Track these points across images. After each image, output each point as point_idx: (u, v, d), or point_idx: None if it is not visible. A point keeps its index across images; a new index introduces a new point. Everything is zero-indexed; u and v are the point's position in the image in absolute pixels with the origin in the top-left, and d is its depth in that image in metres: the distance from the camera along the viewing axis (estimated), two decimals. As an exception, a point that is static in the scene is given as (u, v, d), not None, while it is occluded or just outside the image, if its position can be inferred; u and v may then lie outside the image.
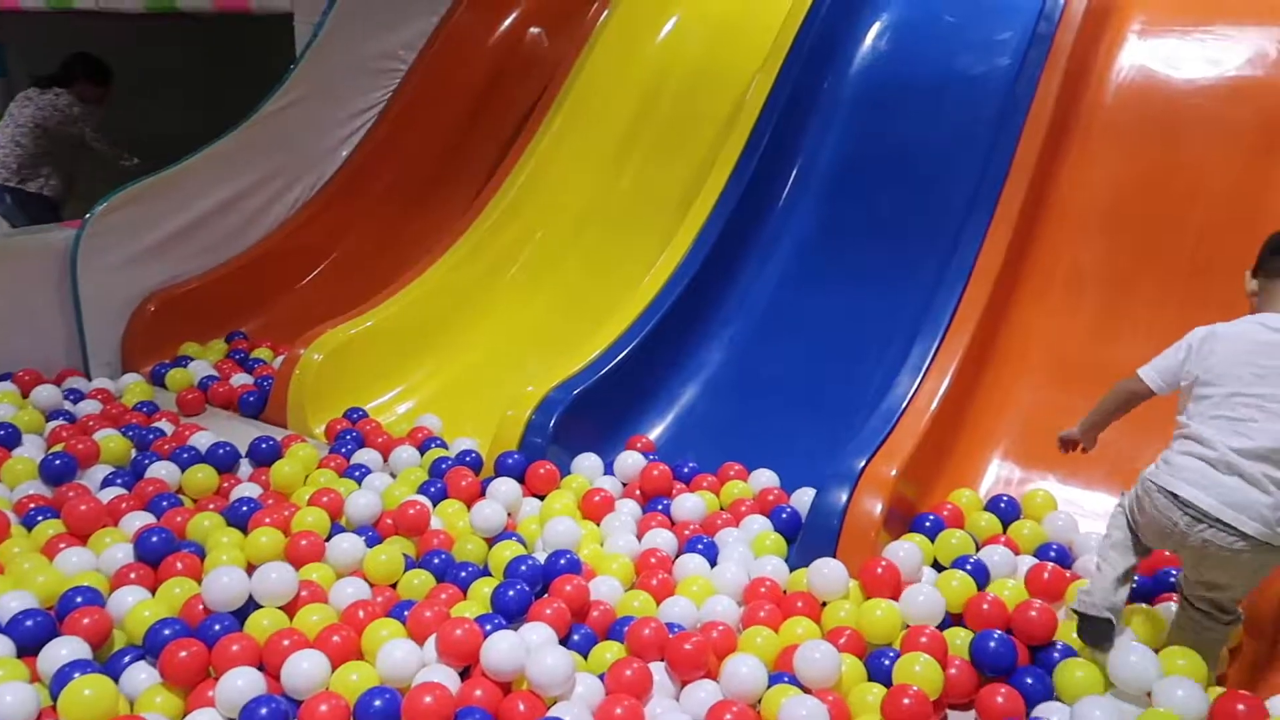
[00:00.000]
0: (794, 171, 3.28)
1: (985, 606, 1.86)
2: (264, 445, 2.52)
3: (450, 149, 4.00)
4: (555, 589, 1.91)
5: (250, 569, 1.93)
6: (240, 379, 3.06)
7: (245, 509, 2.17)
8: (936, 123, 3.17)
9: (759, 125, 3.22)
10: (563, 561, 2.01)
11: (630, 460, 2.49)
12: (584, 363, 2.68)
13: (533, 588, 1.94)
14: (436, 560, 2.06)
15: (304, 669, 1.64)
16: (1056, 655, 1.80)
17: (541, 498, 2.35)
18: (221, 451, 2.45)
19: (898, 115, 3.27)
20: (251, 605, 1.85)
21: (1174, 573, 1.91)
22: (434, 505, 2.28)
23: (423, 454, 2.56)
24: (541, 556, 2.06)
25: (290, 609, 1.86)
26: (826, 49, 3.37)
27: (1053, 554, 2.10)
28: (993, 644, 1.75)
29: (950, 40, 3.39)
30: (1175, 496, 1.61)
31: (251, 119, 3.51)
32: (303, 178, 3.72)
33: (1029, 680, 1.71)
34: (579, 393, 2.56)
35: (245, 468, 2.50)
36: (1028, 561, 2.06)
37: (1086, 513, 2.27)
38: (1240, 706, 1.57)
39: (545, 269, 3.42)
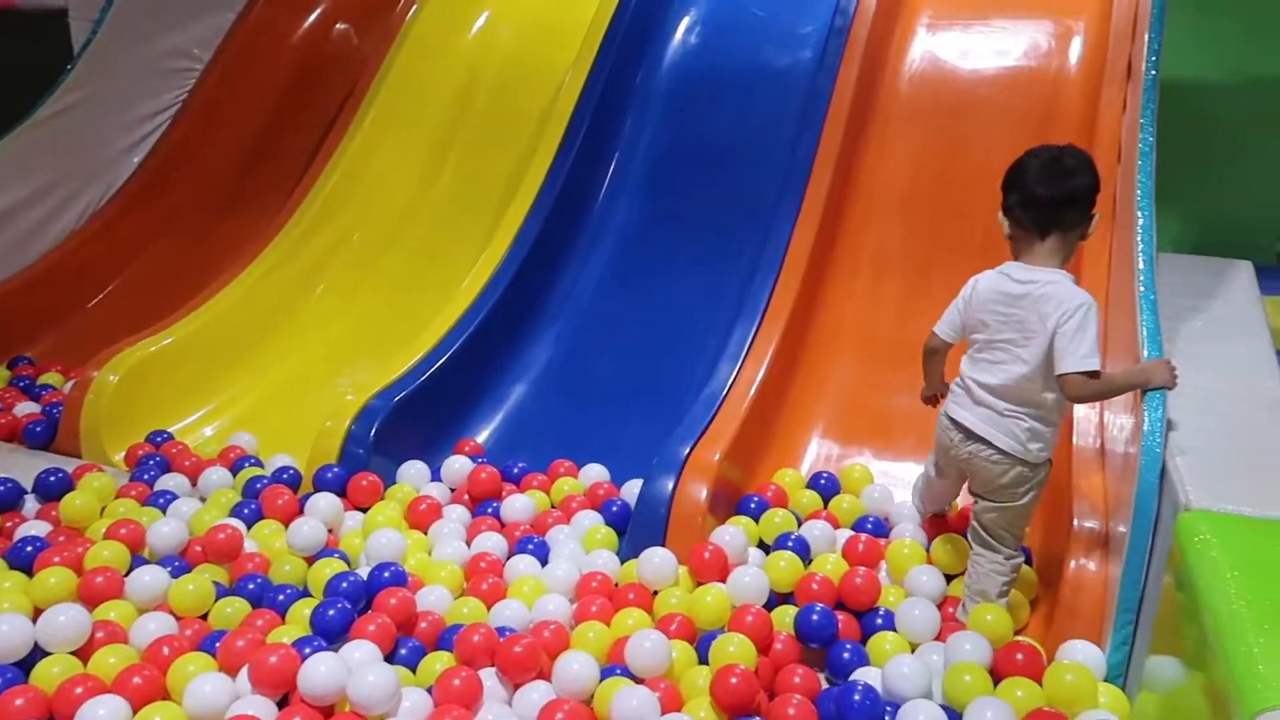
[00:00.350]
0: (612, 166, 3.30)
1: (815, 586, 1.92)
2: (52, 478, 2.31)
3: (256, 151, 3.80)
4: (379, 603, 1.85)
5: (38, 614, 1.77)
6: (25, 408, 2.81)
7: (30, 549, 1.99)
8: (747, 115, 3.26)
9: (574, 121, 3.21)
10: (387, 574, 1.94)
11: (457, 465, 2.43)
12: (405, 368, 2.61)
13: (355, 604, 1.86)
14: (252, 585, 1.96)
15: (100, 716, 1.52)
16: (879, 623, 1.89)
17: (365, 510, 2.26)
18: (1, 489, 2.24)
19: (710, 108, 3.34)
20: (39, 654, 1.69)
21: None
22: (248, 528, 2.16)
23: (235, 475, 2.42)
24: (364, 571, 1.98)
25: (84, 653, 1.71)
26: (637, 44, 3.40)
27: (869, 526, 2.19)
28: (815, 617, 1.81)
29: (756, 34, 3.49)
30: (950, 418, 1.86)
31: (24, 124, 3.23)
32: (90, 186, 3.46)
33: (846, 651, 1.77)
34: (401, 399, 2.49)
35: (31, 504, 2.29)
36: (846, 535, 2.14)
37: (901, 483, 2.39)
38: (1019, 655, 1.70)
39: (364, 272, 3.30)
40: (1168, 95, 5.06)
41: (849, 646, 1.78)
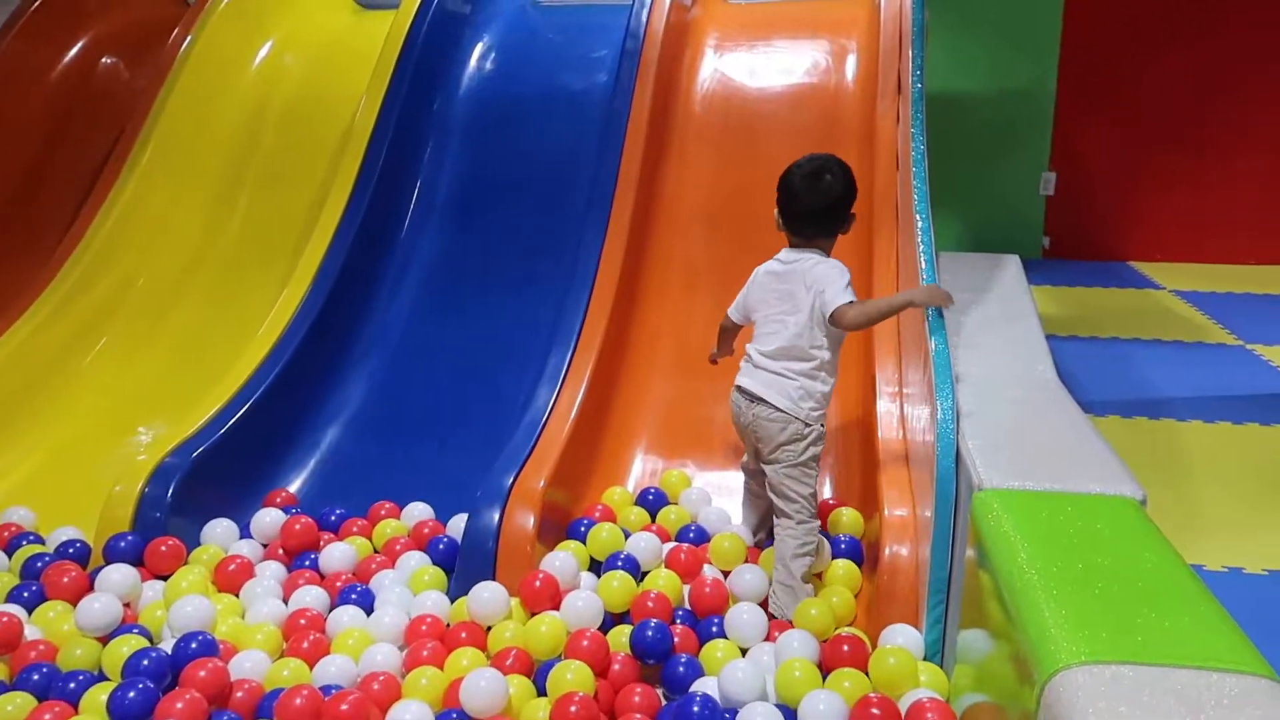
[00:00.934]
0: (414, 196, 3.22)
1: (650, 603, 1.92)
2: None
3: (16, 200, 3.47)
4: (187, 678, 1.71)
5: None
6: None
7: None
8: (548, 139, 3.27)
9: (371, 152, 3.12)
10: (194, 645, 1.80)
11: (268, 519, 2.30)
12: (203, 421, 2.44)
13: (159, 683, 1.72)
14: (36, 676, 1.76)
15: None
16: (714, 630, 1.91)
17: (166, 578, 2.09)
18: None
19: (511, 134, 3.32)
20: None
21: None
22: (29, 612, 1.96)
23: (11, 555, 2.18)
24: (168, 645, 1.83)
25: None
26: (431, 71, 3.35)
27: (691, 534, 2.22)
28: (649, 634, 1.81)
29: (552, 59, 3.52)
30: (737, 387, 2.08)
31: None
32: None
33: (681, 665, 1.78)
34: (199, 455, 2.32)
35: None
36: (671, 546, 2.16)
37: (723, 490, 2.44)
38: (845, 647, 1.77)
39: (151, 322, 3.07)
40: (937, 107, 5.47)
41: (683, 660, 1.79)
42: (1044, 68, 5.29)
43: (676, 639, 1.85)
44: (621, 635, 1.88)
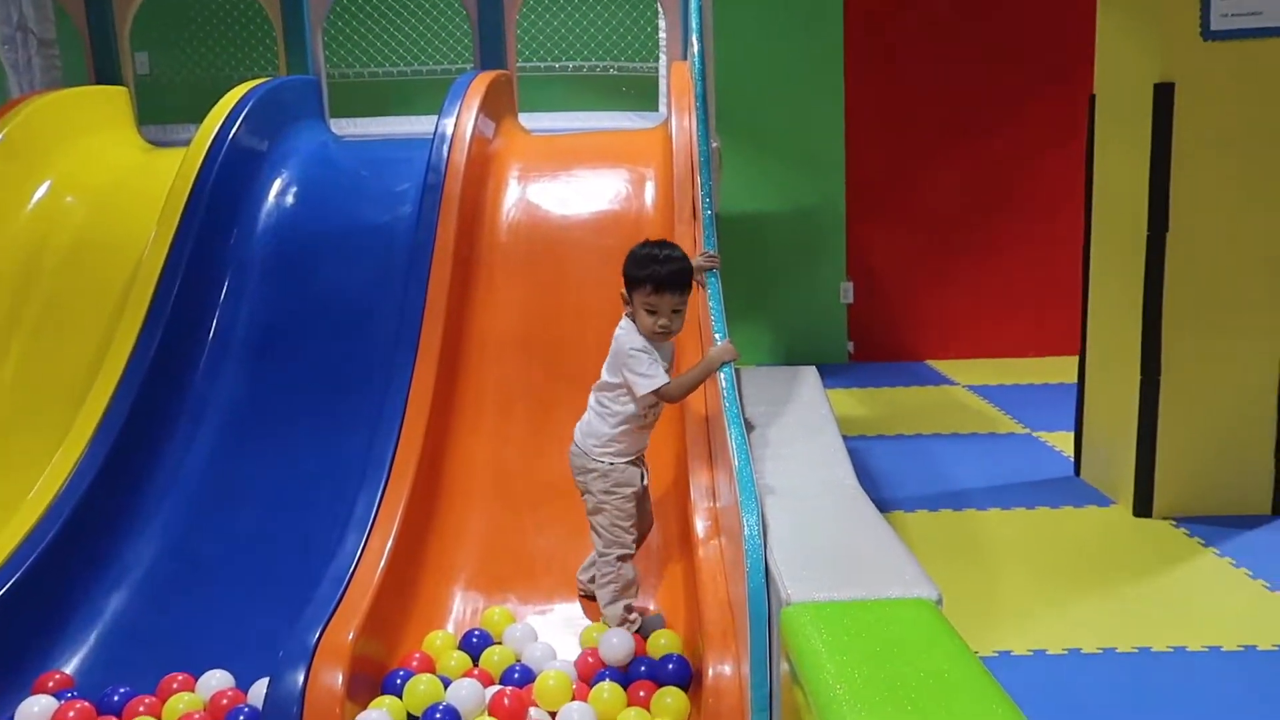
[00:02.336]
0: (210, 336, 3.08)
1: None
2: None
3: None
4: None
5: None
6: None
7: None
8: (352, 274, 3.22)
9: (160, 293, 2.97)
10: None
11: (37, 707, 2.05)
12: (-41, 600, 2.19)
13: None
14: None
15: None
16: None
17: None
18: None
19: (313, 269, 3.25)
20: None
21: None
22: None
23: None
24: None
25: None
26: (224, 209, 3.25)
27: (516, 675, 2.15)
28: None
29: (353, 193, 3.50)
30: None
31: None
32: None
33: None
34: (-47, 640, 2.08)
35: None
36: (494, 690, 2.08)
37: (551, 624, 2.38)
38: None
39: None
40: (740, 227, 5.80)
41: None
42: (832, 184, 5.73)
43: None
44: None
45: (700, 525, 2.31)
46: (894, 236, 5.79)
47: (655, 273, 2.22)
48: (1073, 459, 3.93)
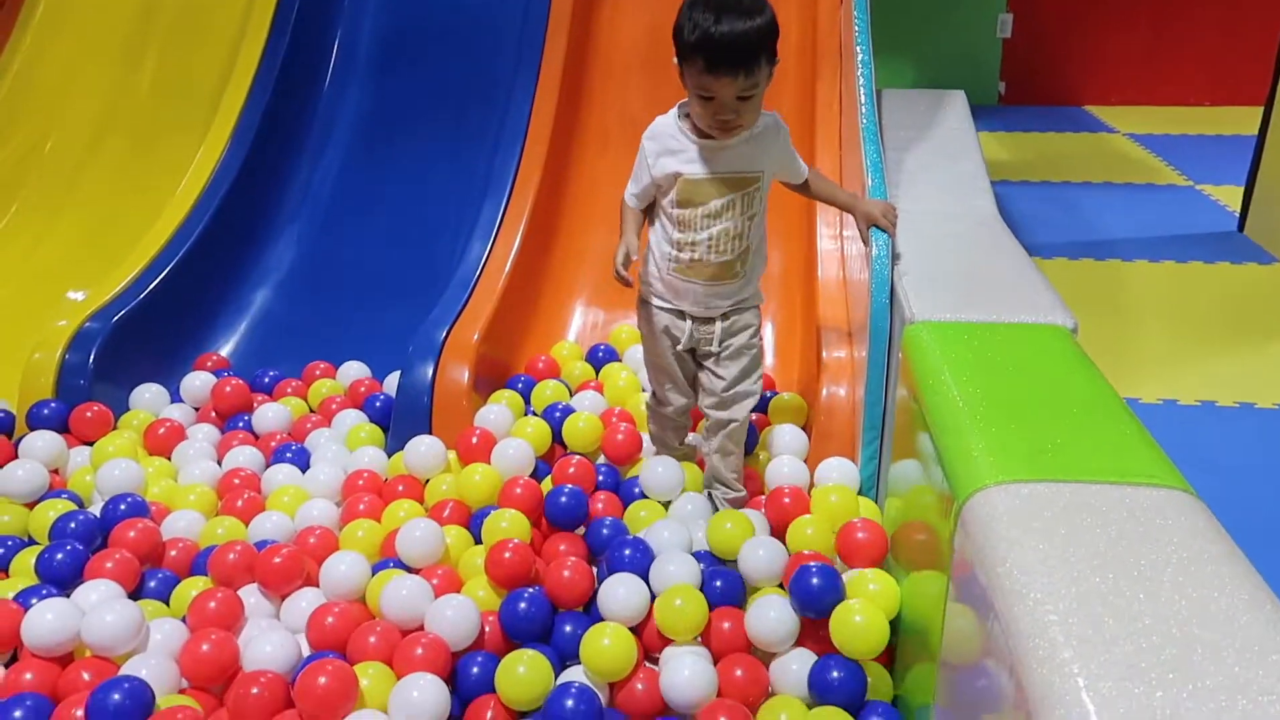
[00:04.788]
0: (335, 48, 3.04)
1: (570, 469, 1.84)
2: None
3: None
4: (116, 539, 1.69)
5: None
6: None
7: None
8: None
9: (283, 2, 2.92)
10: (123, 507, 1.77)
11: (199, 382, 2.24)
12: (124, 283, 2.35)
13: (89, 545, 1.69)
14: (-39, 544, 1.73)
15: None
16: (636, 492, 1.85)
17: (93, 444, 2.05)
18: None
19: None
20: None
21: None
22: (-48, 482, 1.91)
23: (-70, 426, 2.12)
24: (97, 509, 1.80)
25: None
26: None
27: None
28: (563, 499, 1.75)
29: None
30: None
31: None
32: None
33: (604, 528, 1.73)
34: (121, 318, 2.25)
35: None
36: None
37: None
38: (785, 499, 1.73)
39: (65, 185, 2.91)
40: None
41: (606, 524, 1.73)
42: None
43: (600, 505, 1.81)
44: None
45: (824, 249, 2.24)
46: (1067, -36, 5.16)
47: (709, 37, 1.48)
48: (1238, 214, 3.62)
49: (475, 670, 1.45)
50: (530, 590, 1.55)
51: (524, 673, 1.40)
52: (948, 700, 1.17)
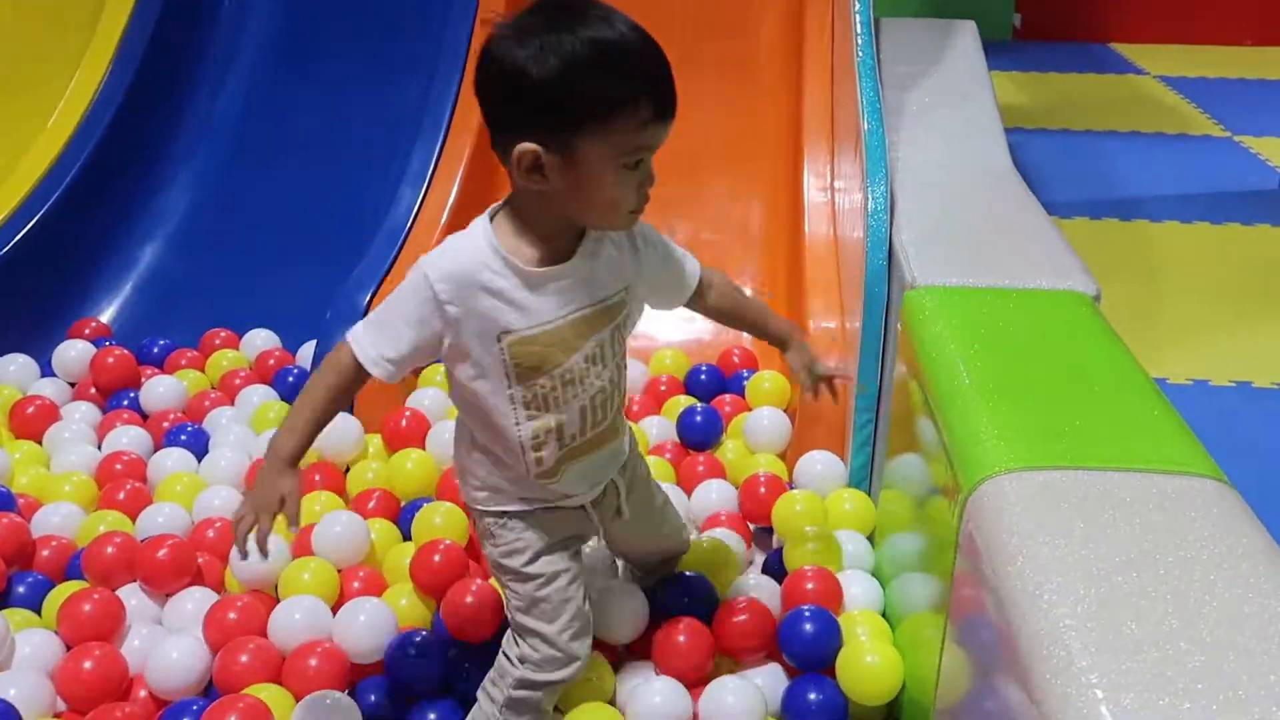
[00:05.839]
0: (236, -45, 2.99)
1: None
2: None
3: None
4: (-24, 536, 1.66)
5: None
6: None
7: None
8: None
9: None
10: (-17, 499, 1.74)
11: (74, 352, 2.22)
12: (-17, 235, 2.30)
13: (-58, 543, 1.66)
14: None
15: None
16: None
17: (-52, 424, 2.02)
18: None
19: None
20: None
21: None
22: None
23: None
24: (-48, 502, 1.77)
25: None
26: None
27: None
28: None
29: None
30: None
31: None
32: None
33: None
34: (-20, 276, 2.21)
35: None
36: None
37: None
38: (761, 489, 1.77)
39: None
40: None
41: None
42: None
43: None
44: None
45: (812, 199, 2.25)
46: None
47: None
48: (1281, 170, 3.69)
49: (373, 698, 1.44)
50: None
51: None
52: (950, 714, 1.19)
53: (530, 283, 1.18)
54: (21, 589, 1.62)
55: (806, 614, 1.49)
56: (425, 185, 2.38)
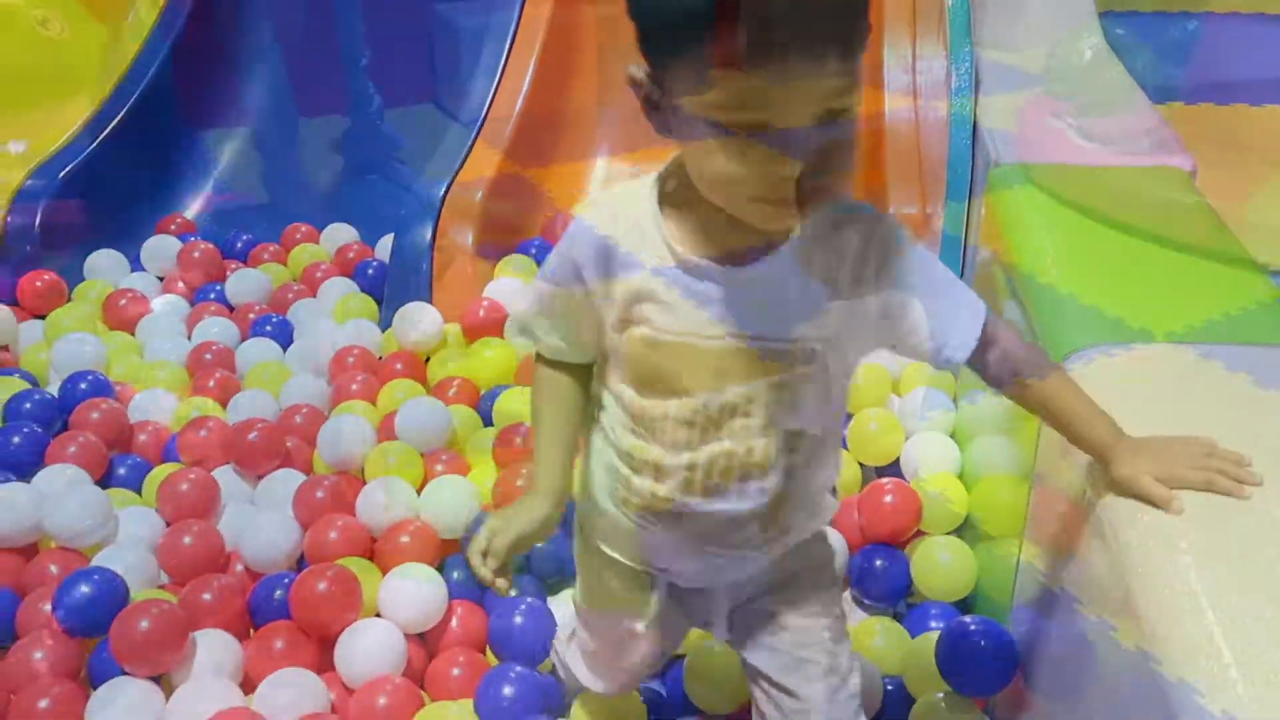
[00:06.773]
0: None
1: None
2: None
3: None
4: (78, 421, 1.71)
5: None
6: None
7: None
8: None
9: None
10: (83, 385, 1.79)
11: (162, 246, 2.25)
12: (70, 134, 2.35)
13: (48, 428, 1.72)
14: (-96, 426, 1.77)
15: None
16: None
17: (46, 317, 2.07)
18: None
19: None
20: None
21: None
22: (-109, 360, 1.95)
23: None
24: (54, 388, 1.83)
25: None
26: None
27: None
28: None
29: None
30: None
31: None
32: None
33: None
34: (68, 174, 2.25)
35: None
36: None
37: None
38: None
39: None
40: None
41: None
42: None
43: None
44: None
45: (891, 77, 2.17)
46: None
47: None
48: (1394, 47, 3.47)
49: (455, 575, 1.46)
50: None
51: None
52: (1028, 598, 1.18)
53: (673, 272, 0.86)
54: (122, 470, 1.68)
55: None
56: (497, 80, 2.35)
